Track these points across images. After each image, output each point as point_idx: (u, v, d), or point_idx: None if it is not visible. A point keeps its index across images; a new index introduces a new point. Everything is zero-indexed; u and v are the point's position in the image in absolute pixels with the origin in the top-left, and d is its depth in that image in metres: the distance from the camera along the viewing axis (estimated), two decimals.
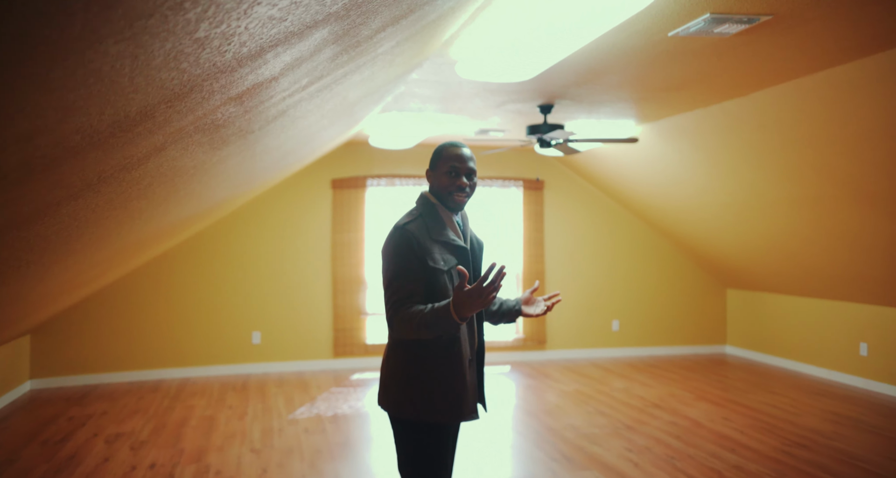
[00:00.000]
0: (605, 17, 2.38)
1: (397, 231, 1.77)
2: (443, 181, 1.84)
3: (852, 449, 3.71)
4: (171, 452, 3.70)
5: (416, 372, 1.75)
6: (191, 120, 1.44)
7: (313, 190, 6.27)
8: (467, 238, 1.92)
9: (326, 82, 2.22)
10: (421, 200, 1.88)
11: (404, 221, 1.81)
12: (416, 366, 1.76)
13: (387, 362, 1.83)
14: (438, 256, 1.77)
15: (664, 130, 5.04)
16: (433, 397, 1.75)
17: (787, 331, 6.04)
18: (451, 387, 1.76)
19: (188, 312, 5.88)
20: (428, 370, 1.75)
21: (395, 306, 1.70)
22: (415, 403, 1.75)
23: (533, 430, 4.13)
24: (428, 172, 1.90)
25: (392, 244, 1.76)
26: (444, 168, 1.84)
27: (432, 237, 1.78)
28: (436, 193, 1.88)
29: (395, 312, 1.69)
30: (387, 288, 1.74)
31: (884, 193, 3.99)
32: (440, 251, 1.79)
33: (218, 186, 2.95)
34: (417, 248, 1.74)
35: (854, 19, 2.63)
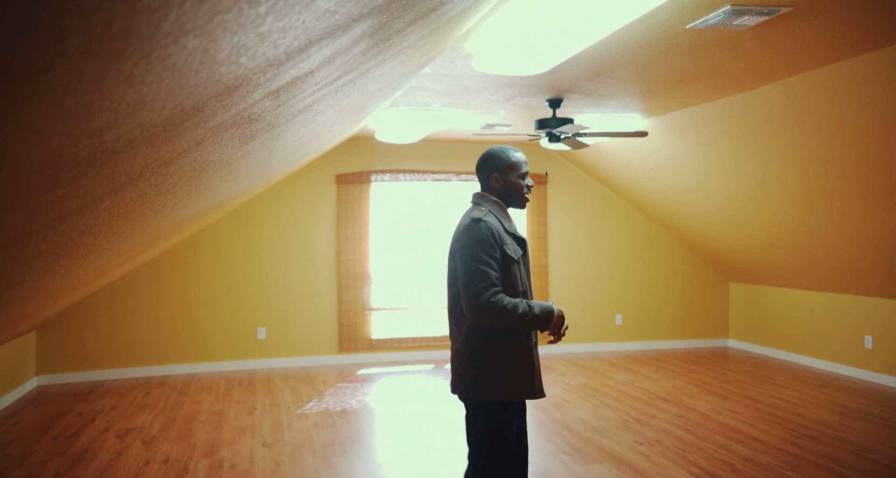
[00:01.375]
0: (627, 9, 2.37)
1: (479, 223, 1.93)
2: (515, 183, 2.07)
3: (860, 440, 3.75)
4: (184, 446, 3.70)
5: (501, 356, 1.92)
6: (231, 114, 1.43)
7: (318, 185, 6.25)
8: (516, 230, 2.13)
9: (352, 76, 2.21)
10: (484, 199, 2.07)
11: (479, 215, 1.97)
12: (500, 350, 1.92)
13: (465, 349, 1.96)
14: (511, 246, 1.98)
15: (670, 124, 5.05)
16: (516, 377, 1.93)
17: (790, 324, 6.09)
18: (528, 367, 1.96)
19: (193, 307, 5.86)
20: (510, 353, 1.93)
21: (482, 292, 1.85)
22: (502, 383, 1.91)
23: (542, 423, 4.15)
24: (495, 176, 2.07)
25: (475, 235, 1.92)
26: (517, 172, 2.08)
27: (506, 231, 2.00)
28: (502, 193, 2.08)
29: (484, 298, 1.84)
30: (471, 275, 1.87)
31: (889, 185, 4.02)
32: (511, 243, 1.99)
33: (234, 180, 2.94)
34: (497, 239, 1.93)
35: (871, 11, 2.64)
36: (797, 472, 3.26)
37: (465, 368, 1.94)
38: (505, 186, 2.07)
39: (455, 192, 6.64)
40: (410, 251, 6.53)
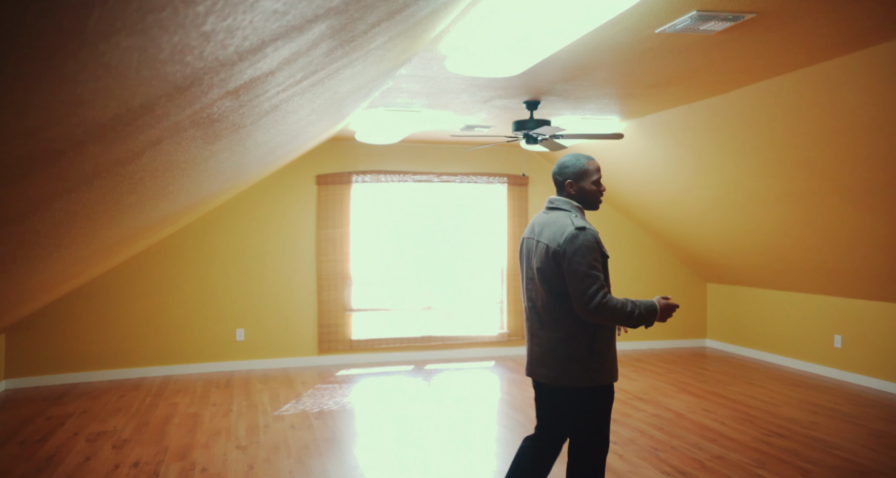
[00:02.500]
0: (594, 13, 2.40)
1: (585, 231, 2.16)
2: (592, 189, 2.28)
3: (828, 438, 3.82)
4: (156, 449, 3.66)
5: (600, 347, 2.19)
6: (188, 114, 1.42)
7: (298, 185, 6.23)
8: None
9: (320, 77, 2.21)
10: (571, 205, 2.28)
11: (581, 223, 2.18)
12: (599, 342, 2.19)
13: (568, 343, 2.20)
14: (604, 247, 2.24)
15: (648, 127, 5.10)
16: (612, 362, 2.22)
17: (765, 324, 6.18)
18: (615, 354, 2.25)
19: (171, 308, 5.81)
20: (605, 344, 2.20)
21: (596, 294, 2.09)
22: (605, 370, 2.19)
23: (518, 423, 4.16)
24: (569, 182, 2.29)
25: (584, 242, 2.14)
26: (592, 178, 2.28)
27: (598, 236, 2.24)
28: (582, 197, 2.29)
29: (598, 298, 2.08)
30: (584, 279, 2.10)
31: (860, 188, 4.09)
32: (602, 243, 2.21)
33: (206, 181, 2.92)
34: (600, 244, 2.17)
35: (835, 18, 2.69)
36: (765, 469, 3.31)
37: (570, 360, 2.19)
38: (579, 192, 2.29)
39: (436, 192, 6.65)
40: (391, 252, 6.53)
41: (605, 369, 2.19)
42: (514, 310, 6.69)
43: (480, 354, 6.61)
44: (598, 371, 2.19)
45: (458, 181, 6.64)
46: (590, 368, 2.18)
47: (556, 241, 2.17)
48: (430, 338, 6.48)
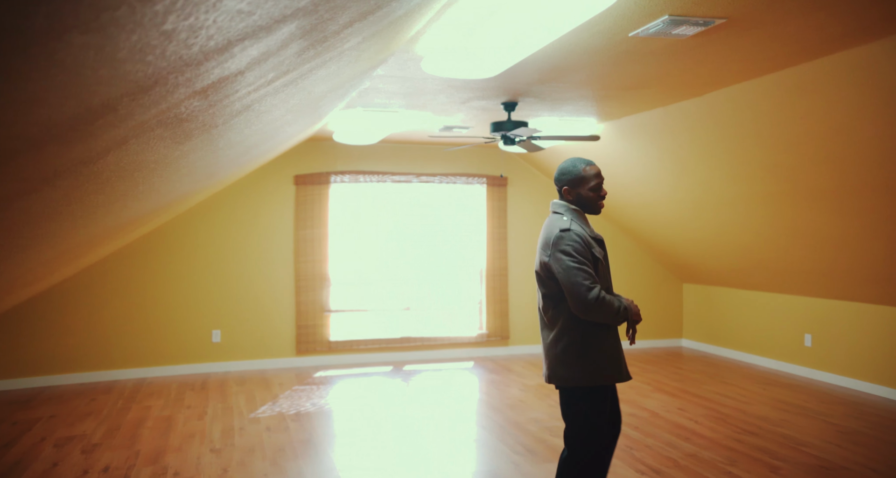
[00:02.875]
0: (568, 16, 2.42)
1: (569, 232, 2.21)
2: (586, 196, 2.32)
3: (797, 435, 3.89)
4: (127, 454, 3.60)
5: (597, 345, 2.21)
6: (154, 114, 1.40)
7: (275, 186, 6.18)
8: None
9: (292, 77, 2.20)
10: (564, 208, 2.33)
11: (566, 225, 2.24)
12: (585, 344, 2.21)
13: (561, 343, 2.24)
14: (596, 249, 2.26)
15: (625, 129, 5.16)
16: (609, 364, 2.23)
17: (739, 324, 6.28)
18: (616, 354, 2.26)
19: (144, 310, 5.71)
20: (593, 347, 2.21)
21: (589, 289, 2.12)
22: (599, 371, 2.21)
23: (496, 424, 4.18)
24: (566, 189, 2.34)
25: (568, 242, 2.19)
26: (590, 184, 2.32)
27: (590, 236, 2.27)
28: (579, 202, 2.34)
29: (593, 294, 2.12)
30: (574, 277, 2.14)
31: (826, 190, 4.18)
32: (594, 245, 2.27)
33: (179, 181, 2.88)
34: (586, 242, 2.21)
35: (801, 25, 2.75)
36: (736, 466, 3.37)
37: (564, 359, 2.23)
38: (576, 197, 2.33)
39: (415, 193, 6.64)
40: (370, 253, 6.51)
41: (590, 372, 2.22)
42: (493, 311, 6.71)
43: (459, 354, 6.61)
44: (583, 373, 2.22)
45: (437, 182, 6.64)
46: (575, 369, 2.23)
47: (545, 245, 2.26)
48: (408, 339, 6.47)
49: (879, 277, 4.60)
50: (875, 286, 4.73)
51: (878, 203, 3.98)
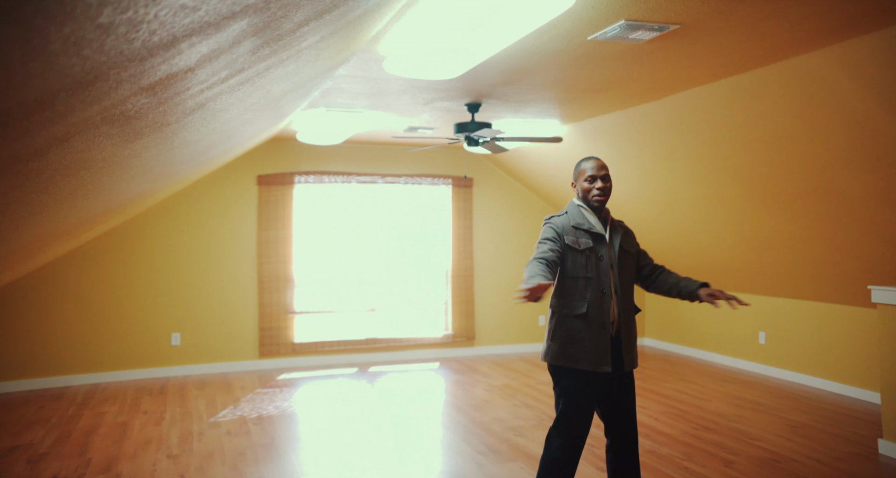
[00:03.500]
0: (527, 18, 2.44)
1: (549, 221, 2.48)
2: (583, 188, 2.46)
3: (751, 430, 4.01)
4: (77, 462, 3.48)
5: (567, 327, 2.39)
6: (97, 110, 1.36)
7: (238, 186, 6.07)
8: (607, 228, 2.48)
9: (248, 75, 2.16)
10: (570, 203, 2.52)
11: (553, 216, 2.50)
12: (558, 324, 2.42)
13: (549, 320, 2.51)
14: (575, 238, 2.40)
15: (587, 131, 5.24)
16: (572, 348, 2.36)
17: (698, 323, 6.44)
18: (586, 340, 2.35)
19: (99, 313, 5.54)
20: (566, 328, 2.39)
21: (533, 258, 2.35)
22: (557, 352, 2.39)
23: (461, 424, 4.19)
24: (573, 183, 2.53)
25: (546, 228, 2.46)
26: (582, 177, 2.47)
27: (573, 225, 2.42)
28: (580, 196, 2.50)
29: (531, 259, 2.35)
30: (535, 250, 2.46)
31: (773, 193, 4.33)
32: (578, 235, 2.41)
33: (132, 180, 2.81)
34: (560, 230, 2.41)
35: (749, 33, 2.84)
36: (692, 461, 3.45)
37: (546, 336, 2.49)
38: (578, 190, 2.50)
39: (381, 194, 6.61)
40: (335, 254, 6.45)
41: (558, 352, 2.40)
42: (459, 311, 6.73)
43: (425, 355, 6.61)
44: (553, 351, 2.42)
45: (402, 183, 6.63)
46: (549, 347, 2.45)
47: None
48: (374, 340, 6.43)
49: (824, 276, 4.78)
50: (821, 285, 4.91)
51: (821, 206, 4.14)
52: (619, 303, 2.44)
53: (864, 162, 3.58)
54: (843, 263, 4.51)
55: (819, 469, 3.33)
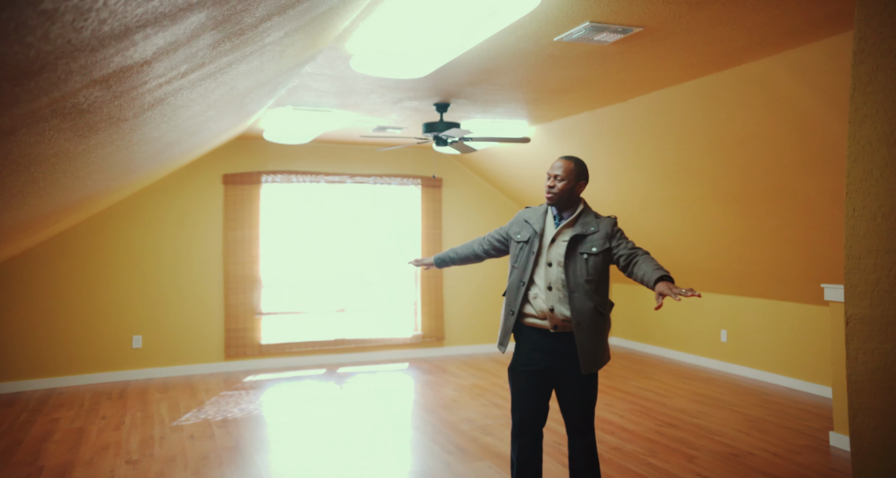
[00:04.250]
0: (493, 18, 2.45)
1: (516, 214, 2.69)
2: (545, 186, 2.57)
3: (711, 425, 4.11)
4: (27, 471, 3.35)
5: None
6: (45, 102, 1.32)
7: (203, 185, 5.95)
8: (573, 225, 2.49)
9: (210, 70, 2.12)
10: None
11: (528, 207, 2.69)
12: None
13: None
14: (518, 230, 2.59)
15: (555, 131, 5.29)
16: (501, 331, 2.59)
17: (662, 322, 6.56)
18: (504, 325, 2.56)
19: (54, 315, 5.36)
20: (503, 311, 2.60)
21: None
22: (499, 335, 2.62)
23: (430, 424, 4.18)
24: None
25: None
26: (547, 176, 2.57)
27: (524, 218, 2.60)
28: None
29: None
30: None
31: (739, 193, 4.44)
32: (522, 228, 2.58)
33: (88, 177, 2.72)
34: (513, 221, 2.65)
35: (708, 37, 2.91)
36: (656, 457, 3.51)
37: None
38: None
39: (349, 194, 6.56)
40: (303, 254, 6.38)
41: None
42: (428, 312, 6.72)
43: (394, 356, 6.58)
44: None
45: (371, 182, 6.59)
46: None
47: None
48: (343, 341, 6.38)
49: (780, 275, 4.93)
50: (778, 283, 5.05)
51: (776, 207, 4.26)
52: (572, 302, 2.39)
53: (815, 164, 3.70)
54: (798, 261, 4.66)
55: (775, 462, 3.43)
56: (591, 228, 2.47)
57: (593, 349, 2.39)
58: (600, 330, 2.42)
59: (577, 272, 2.41)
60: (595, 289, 2.42)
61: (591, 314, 2.38)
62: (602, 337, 2.44)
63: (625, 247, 2.45)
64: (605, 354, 2.46)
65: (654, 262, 2.34)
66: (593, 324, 2.39)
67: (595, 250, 2.44)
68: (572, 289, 2.40)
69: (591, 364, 2.39)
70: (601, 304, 2.42)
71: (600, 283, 2.45)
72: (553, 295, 2.42)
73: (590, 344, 2.38)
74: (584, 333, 2.38)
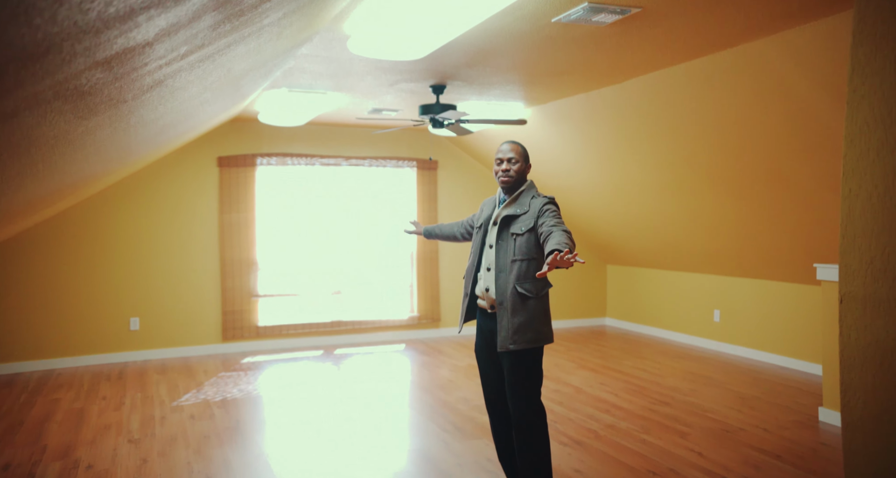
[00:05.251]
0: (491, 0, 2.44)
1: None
2: (494, 169, 2.59)
3: (703, 402, 4.19)
4: (31, 450, 3.39)
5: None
6: (49, 84, 1.32)
7: (198, 167, 5.92)
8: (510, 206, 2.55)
9: (208, 52, 2.11)
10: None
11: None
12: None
13: None
14: (478, 216, 2.71)
15: (550, 114, 5.29)
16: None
17: (656, 302, 6.64)
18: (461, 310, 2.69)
19: (53, 297, 5.37)
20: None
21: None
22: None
23: (427, 405, 4.24)
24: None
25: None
26: (495, 160, 2.59)
27: (482, 208, 2.72)
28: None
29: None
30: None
31: (733, 177, 4.47)
32: (482, 216, 2.68)
33: (86, 159, 2.72)
34: (479, 210, 2.74)
35: (705, 18, 2.91)
36: (649, 434, 3.59)
37: None
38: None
39: (345, 176, 6.55)
40: (300, 237, 6.38)
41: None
42: (424, 294, 6.76)
43: (391, 337, 6.64)
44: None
45: (366, 165, 6.58)
46: None
47: None
48: (339, 323, 6.42)
49: (773, 256, 4.99)
50: (770, 264, 5.12)
51: (770, 190, 4.30)
52: (497, 282, 2.45)
53: (808, 148, 3.73)
54: (791, 243, 4.71)
55: (765, 437, 3.51)
56: (524, 209, 2.49)
57: (512, 329, 2.40)
58: (524, 310, 2.40)
59: (506, 253, 2.46)
60: (523, 269, 2.42)
61: (513, 294, 2.41)
62: (527, 317, 2.40)
63: (547, 225, 2.37)
64: (531, 334, 2.41)
65: (563, 237, 2.24)
66: (514, 304, 2.40)
67: (522, 230, 2.44)
68: (500, 269, 2.46)
69: (506, 342, 2.41)
70: (527, 284, 2.41)
71: (529, 263, 2.42)
72: (490, 276, 2.51)
73: (507, 323, 2.41)
74: (504, 312, 2.43)
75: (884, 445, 1.16)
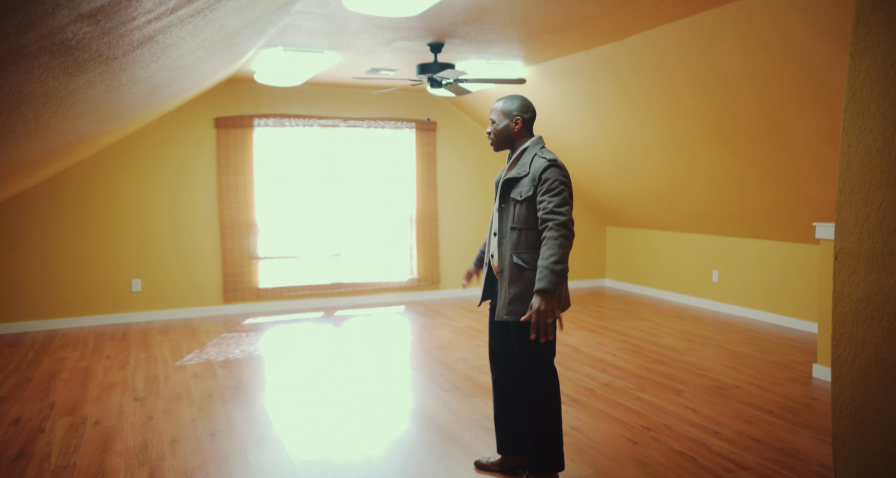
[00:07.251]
0: None
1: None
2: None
3: (699, 361, 4.26)
4: (40, 406, 3.48)
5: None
6: (33, 38, 1.29)
7: (194, 128, 5.86)
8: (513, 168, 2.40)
9: (199, 7, 2.05)
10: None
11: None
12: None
13: None
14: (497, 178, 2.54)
15: (550, 72, 5.19)
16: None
17: (654, 263, 6.67)
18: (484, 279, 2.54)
19: (54, 258, 5.40)
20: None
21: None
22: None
23: (426, 365, 4.31)
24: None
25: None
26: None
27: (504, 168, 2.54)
28: None
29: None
30: None
31: (732, 134, 4.42)
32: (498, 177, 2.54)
33: (79, 118, 2.68)
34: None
35: None
36: (645, 392, 3.66)
37: None
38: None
39: (343, 137, 6.48)
40: (299, 199, 6.37)
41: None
42: (423, 255, 6.79)
43: (391, 299, 6.70)
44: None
45: (365, 126, 6.50)
46: None
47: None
48: (339, 285, 6.47)
49: (772, 215, 4.98)
50: (770, 223, 5.12)
51: (771, 147, 4.26)
52: (499, 248, 2.36)
53: (810, 102, 3.67)
54: (790, 201, 4.70)
55: (758, 393, 3.59)
56: (525, 171, 2.31)
57: (508, 299, 2.31)
58: (520, 281, 2.29)
59: (508, 218, 2.34)
60: (521, 238, 2.30)
61: (510, 264, 2.31)
62: (522, 289, 2.29)
63: (543, 209, 2.23)
64: (525, 307, 2.29)
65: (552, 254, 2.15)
66: (511, 274, 2.31)
67: (521, 196, 2.30)
68: (502, 235, 2.35)
69: (501, 312, 2.34)
70: (525, 254, 2.29)
71: (528, 232, 2.29)
72: (496, 241, 2.40)
73: (504, 293, 2.33)
74: (504, 280, 2.33)
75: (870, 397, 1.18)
